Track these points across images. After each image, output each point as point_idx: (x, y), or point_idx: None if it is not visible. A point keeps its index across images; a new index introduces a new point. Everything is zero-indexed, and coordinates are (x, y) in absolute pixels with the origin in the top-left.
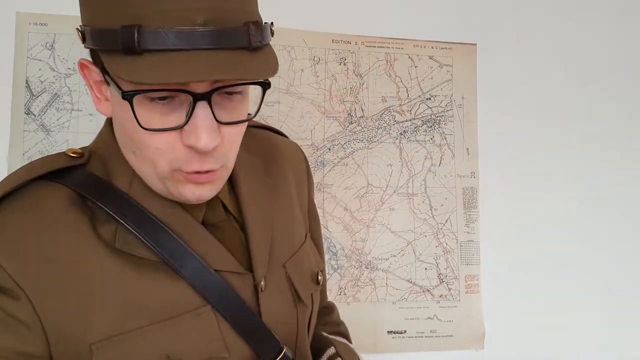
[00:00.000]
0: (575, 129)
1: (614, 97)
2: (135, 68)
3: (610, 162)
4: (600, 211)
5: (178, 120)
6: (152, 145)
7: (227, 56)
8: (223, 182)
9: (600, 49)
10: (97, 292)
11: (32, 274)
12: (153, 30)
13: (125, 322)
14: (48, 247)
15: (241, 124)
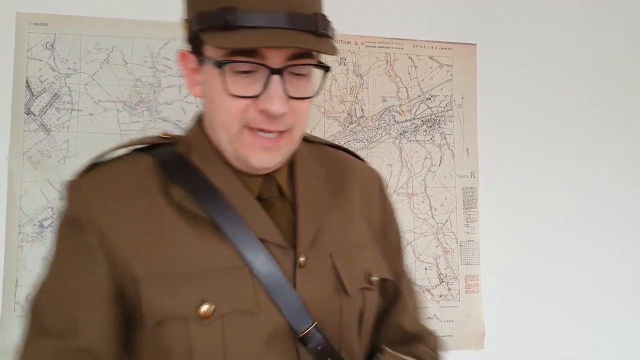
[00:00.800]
0: (575, 129)
1: (614, 97)
2: (230, 39)
3: (610, 162)
4: (601, 211)
5: (256, 90)
6: (231, 110)
7: (299, 35)
8: (284, 153)
9: (601, 49)
10: (158, 237)
11: (110, 214)
12: (244, 11)
13: (175, 265)
14: (128, 197)
15: (306, 100)
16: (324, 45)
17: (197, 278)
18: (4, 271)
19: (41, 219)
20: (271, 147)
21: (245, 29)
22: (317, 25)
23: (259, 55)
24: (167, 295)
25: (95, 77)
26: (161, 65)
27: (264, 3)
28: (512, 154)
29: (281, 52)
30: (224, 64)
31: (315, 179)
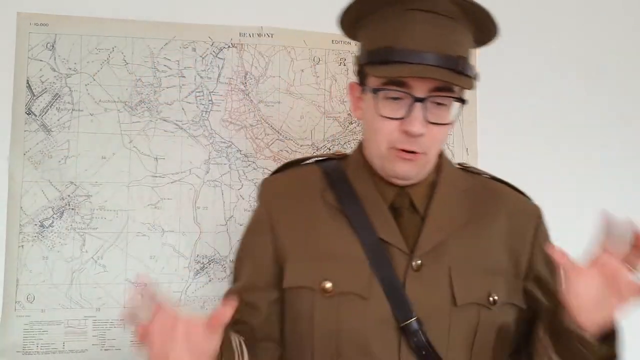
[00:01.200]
0: (575, 128)
1: (614, 97)
2: (385, 70)
3: (610, 163)
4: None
5: (401, 114)
6: (381, 130)
7: (440, 70)
8: (422, 167)
9: (601, 49)
10: (307, 227)
11: (282, 204)
12: (399, 49)
13: (313, 249)
14: (296, 196)
15: (442, 126)
16: (461, 81)
17: (326, 261)
18: (4, 271)
19: (42, 219)
20: (410, 160)
21: (399, 64)
22: (458, 65)
23: (406, 85)
24: (302, 270)
25: (95, 77)
26: (161, 66)
27: (415, 44)
28: (512, 154)
29: (425, 84)
30: (378, 91)
31: (454, 201)
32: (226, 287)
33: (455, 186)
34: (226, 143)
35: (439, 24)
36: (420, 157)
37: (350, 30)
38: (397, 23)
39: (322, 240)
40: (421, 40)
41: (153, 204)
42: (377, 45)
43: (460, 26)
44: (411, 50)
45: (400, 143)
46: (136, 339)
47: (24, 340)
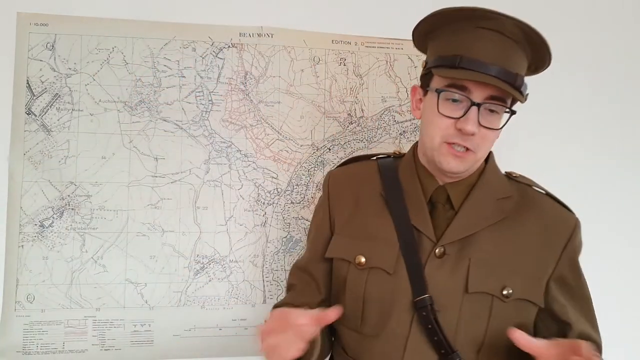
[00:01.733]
0: (575, 128)
1: (614, 97)
2: (452, 73)
3: (611, 162)
4: (603, 212)
5: (458, 114)
6: (438, 125)
7: (499, 82)
8: (468, 164)
9: (601, 49)
10: (355, 211)
11: (338, 192)
12: (467, 58)
13: (355, 229)
14: (353, 186)
15: (492, 131)
16: (515, 94)
17: (363, 240)
18: (4, 271)
19: (41, 219)
20: (459, 157)
21: (465, 70)
22: (516, 80)
23: (467, 90)
24: (342, 245)
25: (95, 77)
26: (161, 66)
27: (481, 55)
28: (512, 154)
29: (483, 92)
30: (441, 91)
31: (489, 203)
32: (226, 287)
33: (494, 190)
34: (226, 143)
35: (503, 42)
36: (470, 155)
37: (421, 40)
38: (467, 36)
39: (364, 222)
40: (487, 53)
41: (153, 204)
42: (448, 52)
43: (520, 49)
44: (477, 60)
45: (453, 138)
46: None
47: (23, 341)
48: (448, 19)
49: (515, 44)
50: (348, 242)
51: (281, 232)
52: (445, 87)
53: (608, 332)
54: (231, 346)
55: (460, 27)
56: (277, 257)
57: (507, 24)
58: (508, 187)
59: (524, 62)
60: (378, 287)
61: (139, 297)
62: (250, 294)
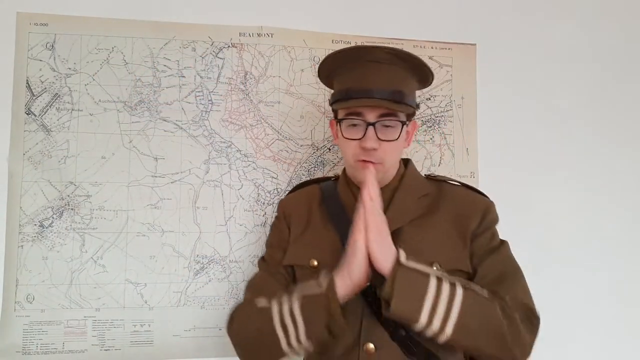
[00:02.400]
0: (575, 128)
1: (614, 96)
2: (345, 104)
3: (610, 162)
4: (601, 210)
5: (359, 135)
6: (347, 147)
7: (382, 102)
8: (380, 174)
9: (601, 49)
10: (306, 225)
11: (292, 213)
12: (352, 90)
13: (306, 239)
14: (302, 205)
15: (392, 142)
16: (398, 107)
17: (314, 246)
18: (4, 271)
19: (41, 219)
20: (369, 168)
21: (354, 99)
22: (395, 96)
23: (361, 114)
24: (297, 252)
25: (95, 77)
26: (161, 66)
27: (363, 84)
28: (512, 154)
29: (374, 112)
30: (341, 120)
31: (410, 201)
32: (226, 287)
33: (414, 190)
34: (226, 143)
35: (381, 69)
36: (378, 167)
37: (326, 82)
38: (353, 71)
39: (313, 234)
40: (368, 81)
41: (153, 204)
42: (340, 87)
43: (399, 69)
44: (361, 88)
45: (360, 156)
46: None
47: (23, 341)
48: (336, 61)
49: (393, 66)
50: (301, 251)
51: None
52: (344, 116)
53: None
54: (231, 346)
55: (347, 66)
56: None
57: (378, 52)
58: (427, 186)
59: (406, 79)
60: None
61: (139, 297)
62: None
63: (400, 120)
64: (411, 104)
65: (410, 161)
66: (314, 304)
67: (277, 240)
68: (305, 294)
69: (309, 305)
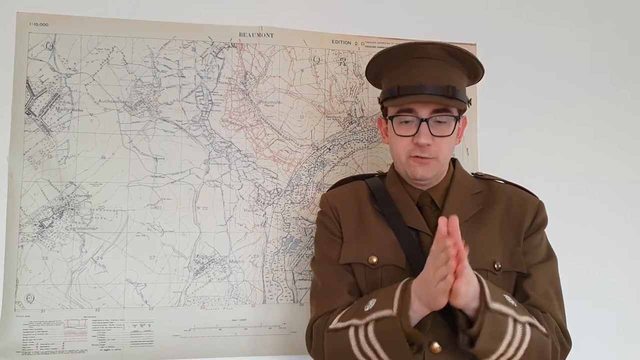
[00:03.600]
0: (576, 127)
1: (614, 96)
2: (395, 102)
3: (611, 161)
4: (601, 210)
5: (412, 132)
6: (400, 145)
7: (436, 97)
8: (434, 169)
9: (600, 48)
10: (359, 220)
11: (341, 208)
12: (403, 86)
13: (362, 235)
14: (351, 201)
15: (445, 138)
16: (452, 103)
17: (371, 243)
18: (4, 271)
19: (41, 219)
20: (424, 164)
21: (406, 96)
22: (448, 92)
23: (413, 111)
24: (354, 250)
25: (95, 77)
26: (161, 65)
27: (415, 81)
28: (512, 154)
29: (426, 108)
30: (393, 117)
31: (465, 199)
32: (226, 287)
33: (467, 188)
34: (226, 143)
35: (431, 64)
36: (432, 162)
37: (374, 82)
38: (403, 68)
39: (368, 232)
40: (419, 77)
41: (153, 204)
42: (390, 85)
43: (449, 65)
44: (413, 85)
45: (414, 152)
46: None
47: (23, 341)
48: (384, 60)
49: (443, 62)
50: (358, 248)
51: (281, 232)
52: (396, 114)
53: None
54: (231, 346)
55: (396, 64)
56: (277, 258)
57: (430, 49)
58: (477, 184)
59: (458, 75)
60: (392, 281)
61: (139, 297)
62: (250, 294)
63: (453, 115)
64: (463, 99)
65: (457, 160)
66: (388, 328)
67: (328, 236)
68: (379, 317)
69: (384, 331)
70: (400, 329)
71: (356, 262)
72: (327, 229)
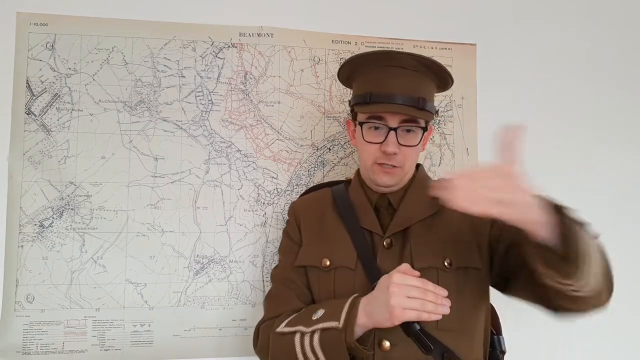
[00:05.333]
0: (575, 128)
1: (614, 97)
2: (367, 108)
3: (611, 162)
4: (602, 211)
5: (380, 139)
6: (368, 150)
7: (405, 108)
8: (399, 178)
9: (600, 48)
10: (318, 226)
11: (303, 215)
12: (376, 94)
13: (318, 239)
14: (314, 208)
15: (411, 147)
16: (422, 114)
17: (327, 246)
18: (4, 271)
19: (41, 219)
20: (388, 173)
21: (377, 104)
22: (419, 103)
23: (383, 119)
24: (308, 253)
25: (95, 77)
26: (161, 65)
27: (389, 88)
28: None
29: (396, 117)
30: (363, 123)
31: (421, 200)
32: (226, 287)
33: (425, 191)
34: (226, 143)
35: (404, 74)
36: (397, 170)
37: (345, 83)
38: (376, 75)
39: (325, 235)
40: (393, 86)
41: (153, 204)
42: (362, 91)
43: (422, 75)
44: (385, 93)
45: (380, 159)
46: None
47: (23, 341)
48: (358, 64)
49: (416, 73)
50: (313, 251)
51: (281, 232)
52: (366, 120)
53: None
54: (231, 346)
55: (370, 69)
56: (277, 258)
57: (404, 59)
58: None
59: (429, 86)
60: (344, 283)
61: (139, 297)
62: (250, 294)
63: (421, 126)
64: (431, 111)
65: (421, 165)
66: (332, 339)
67: (289, 244)
68: (324, 327)
69: (328, 341)
70: (343, 340)
71: (310, 265)
72: (289, 236)
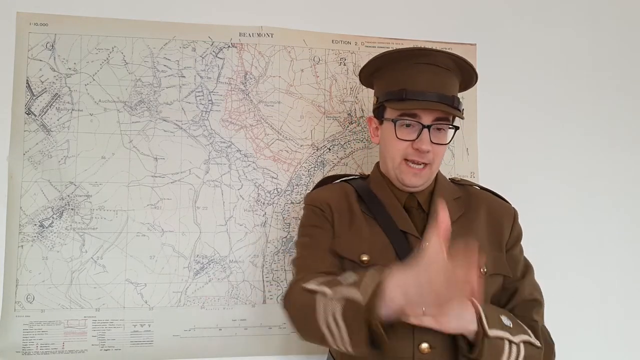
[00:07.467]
0: (575, 128)
1: (614, 97)
2: (402, 105)
3: (611, 162)
4: (601, 211)
5: (413, 137)
6: (397, 147)
7: (441, 105)
8: (427, 178)
9: (600, 48)
10: (350, 221)
11: (334, 205)
12: (411, 90)
13: (353, 234)
14: (341, 199)
15: (442, 146)
16: (455, 113)
17: (362, 242)
18: (4, 271)
19: (41, 219)
20: (417, 174)
21: (411, 101)
22: (453, 102)
23: (417, 116)
24: (347, 245)
25: (95, 77)
26: (161, 65)
27: (422, 87)
28: (512, 154)
29: (430, 115)
30: (397, 120)
31: (449, 203)
32: (226, 287)
33: (449, 193)
34: (226, 143)
35: (438, 72)
36: (425, 171)
37: (366, 79)
38: (408, 72)
39: (360, 231)
40: (427, 84)
41: (153, 204)
42: (395, 87)
43: (453, 75)
44: (419, 91)
45: (411, 156)
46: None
47: (23, 341)
48: (390, 60)
49: (448, 72)
50: (352, 245)
51: (281, 232)
52: (398, 117)
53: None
54: (231, 346)
55: (401, 65)
56: (277, 257)
57: (439, 57)
58: (456, 189)
59: (456, 84)
60: None
61: (139, 297)
62: (250, 294)
63: (452, 124)
64: (461, 110)
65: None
66: (354, 312)
67: (321, 222)
68: (348, 297)
69: (350, 312)
70: (366, 319)
71: (347, 258)
72: (319, 217)
